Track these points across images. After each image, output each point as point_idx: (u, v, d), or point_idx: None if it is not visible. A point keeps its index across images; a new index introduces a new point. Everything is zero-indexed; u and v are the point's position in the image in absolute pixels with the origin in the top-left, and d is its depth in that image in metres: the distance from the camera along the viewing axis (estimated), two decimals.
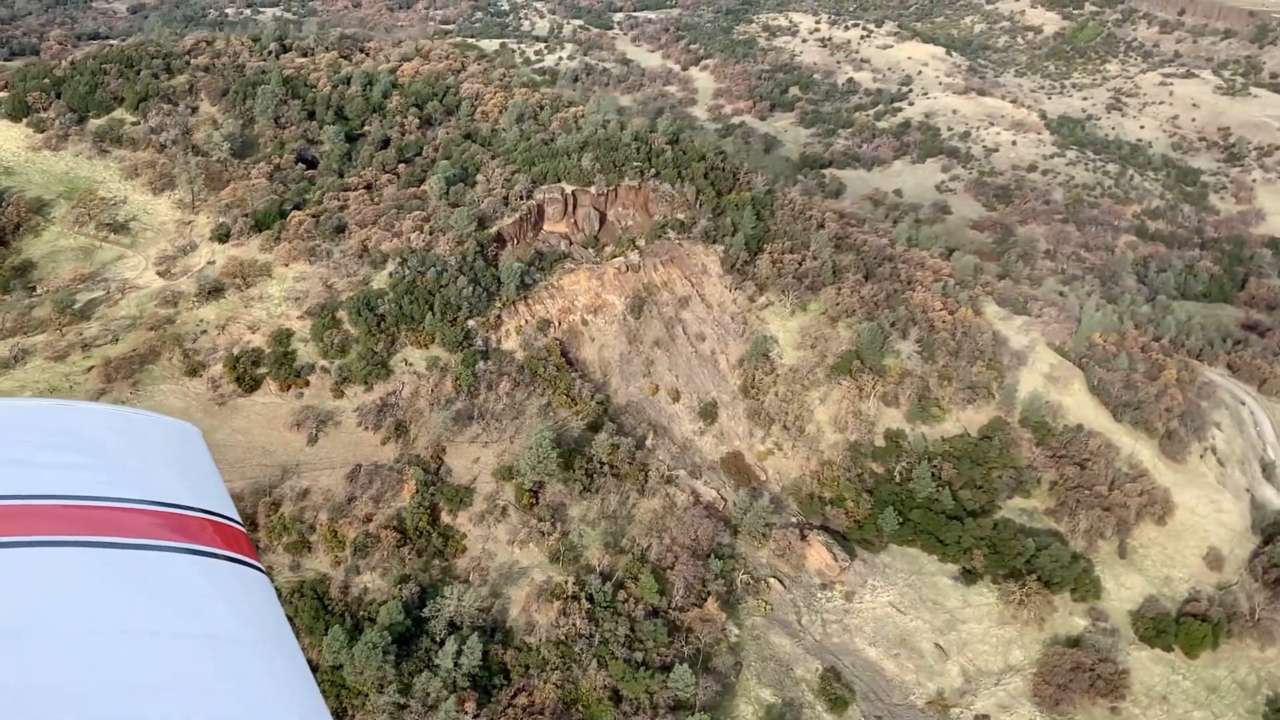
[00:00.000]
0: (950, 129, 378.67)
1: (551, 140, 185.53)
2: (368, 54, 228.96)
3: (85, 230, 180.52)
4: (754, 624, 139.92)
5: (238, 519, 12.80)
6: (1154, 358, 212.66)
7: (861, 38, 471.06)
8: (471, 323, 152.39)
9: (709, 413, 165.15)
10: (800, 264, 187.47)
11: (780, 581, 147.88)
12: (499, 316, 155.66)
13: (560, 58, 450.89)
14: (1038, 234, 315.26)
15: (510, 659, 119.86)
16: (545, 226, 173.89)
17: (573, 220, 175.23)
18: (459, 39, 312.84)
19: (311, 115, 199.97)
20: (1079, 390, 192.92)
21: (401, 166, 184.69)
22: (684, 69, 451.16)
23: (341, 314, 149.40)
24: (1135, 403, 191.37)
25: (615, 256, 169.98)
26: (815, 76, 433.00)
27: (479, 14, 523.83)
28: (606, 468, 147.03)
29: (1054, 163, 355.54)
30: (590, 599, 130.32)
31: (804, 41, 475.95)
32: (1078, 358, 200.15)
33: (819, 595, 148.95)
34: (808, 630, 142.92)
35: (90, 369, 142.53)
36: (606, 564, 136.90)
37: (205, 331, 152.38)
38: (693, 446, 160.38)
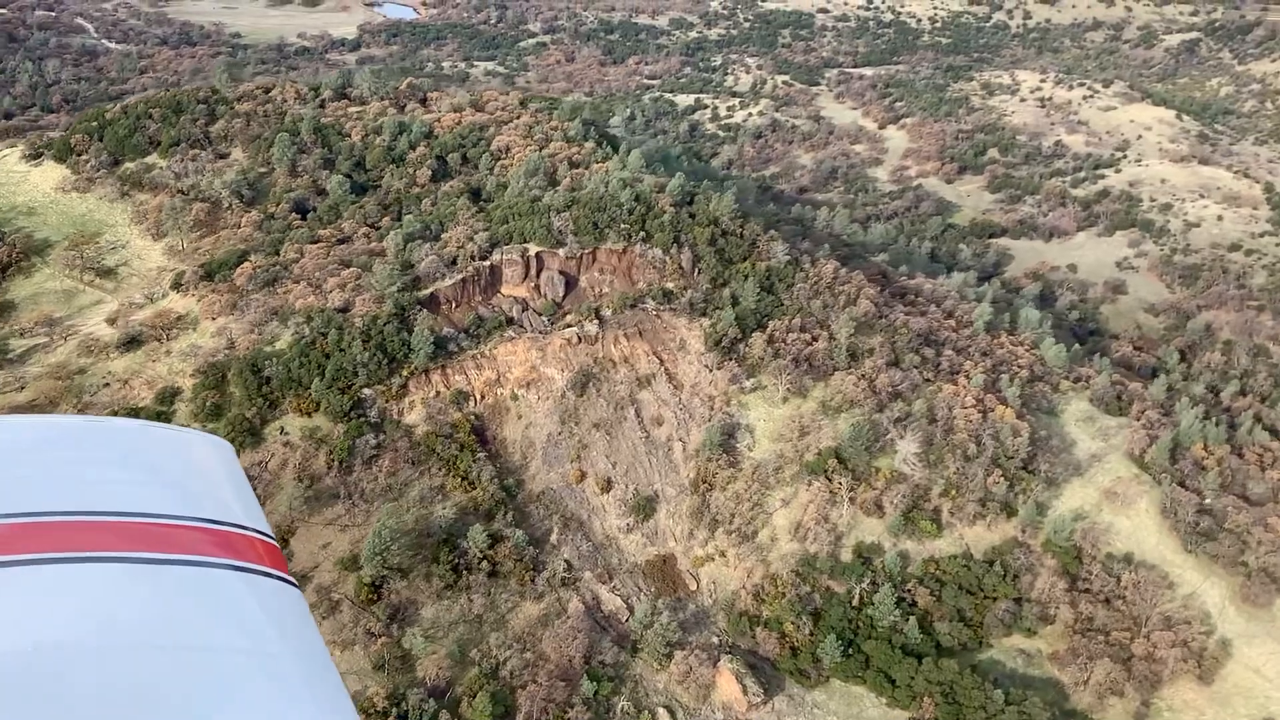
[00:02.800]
0: (1152, 200, 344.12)
1: (538, 198, 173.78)
2: (426, 103, 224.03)
3: (73, 274, 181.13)
4: None
5: (271, 534, 13.57)
6: (1277, 479, 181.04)
7: (1084, 98, 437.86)
8: (368, 391, 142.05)
9: (645, 507, 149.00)
10: (809, 345, 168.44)
11: (671, 714, 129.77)
12: (404, 386, 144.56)
13: (750, 114, 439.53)
14: (1221, 321, 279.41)
15: None
16: (503, 290, 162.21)
17: (534, 284, 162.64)
18: (530, 93, 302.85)
19: (329, 164, 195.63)
20: (1145, 513, 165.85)
21: (386, 220, 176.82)
22: (880, 127, 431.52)
23: (232, 374, 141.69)
24: (1214, 532, 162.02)
25: (567, 327, 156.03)
26: (1019, 138, 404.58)
27: (687, 69, 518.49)
28: (483, 563, 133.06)
29: (1263, 242, 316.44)
30: (404, 719, 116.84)
31: (1022, 101, 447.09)
32: (1158, 472, 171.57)
33: None
34: None
35: None
36: (446, 678, 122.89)
37: (108, 385, 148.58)
38: (614, 545, 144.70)
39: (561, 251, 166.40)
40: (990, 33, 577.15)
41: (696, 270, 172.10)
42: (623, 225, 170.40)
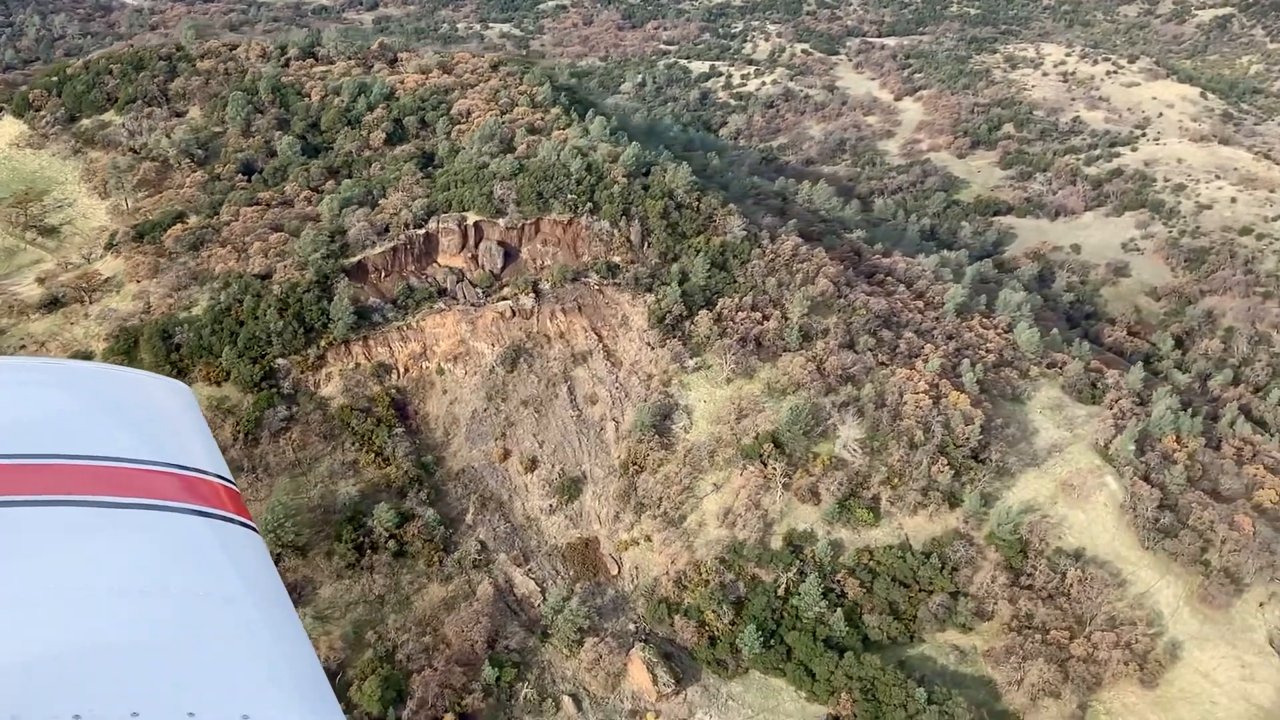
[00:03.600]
0: (1166, 180, 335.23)
1: (485, 165, 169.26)
2: (394, 64, 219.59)
3: (15, 231, 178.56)
4: None
5: (232, 479, 13.66)
6: (1254, 475, 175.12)
7: (1108, 74, 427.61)
8: (283, 361, 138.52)
9: (570, 488, 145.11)
10: (760, 324, 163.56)
11: (576, 702, 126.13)
12: (321, 357, 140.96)
13: (764, 82, 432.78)
14: (1225, 307, 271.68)
15: None
16: (440, 260, 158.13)
17: (472, 255, 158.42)
18: (504, 55, 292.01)
19: (284, 125, 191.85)
20: (1103, 507, 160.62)
21: (330, 184, 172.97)
22: (896, 99, 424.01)
23: (143, 340, 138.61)
24: (1174, 529, 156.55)
25: (502, 299, 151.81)
26: (1037, 113, 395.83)
27: (706, 35, 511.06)
28: (389, 543, 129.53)
29: (1276, 227, 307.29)
30: None
31: (1044, 75, 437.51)
32: (1121, 465, 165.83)
33: None
34: None
35: None
36: (338, 660, 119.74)
37: (25, 346, 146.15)
38: (534, 527, 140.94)
39: (501, 221, 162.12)
40: (1020, 4, 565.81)
41: (646, 244, 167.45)
42: (569, 195, 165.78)
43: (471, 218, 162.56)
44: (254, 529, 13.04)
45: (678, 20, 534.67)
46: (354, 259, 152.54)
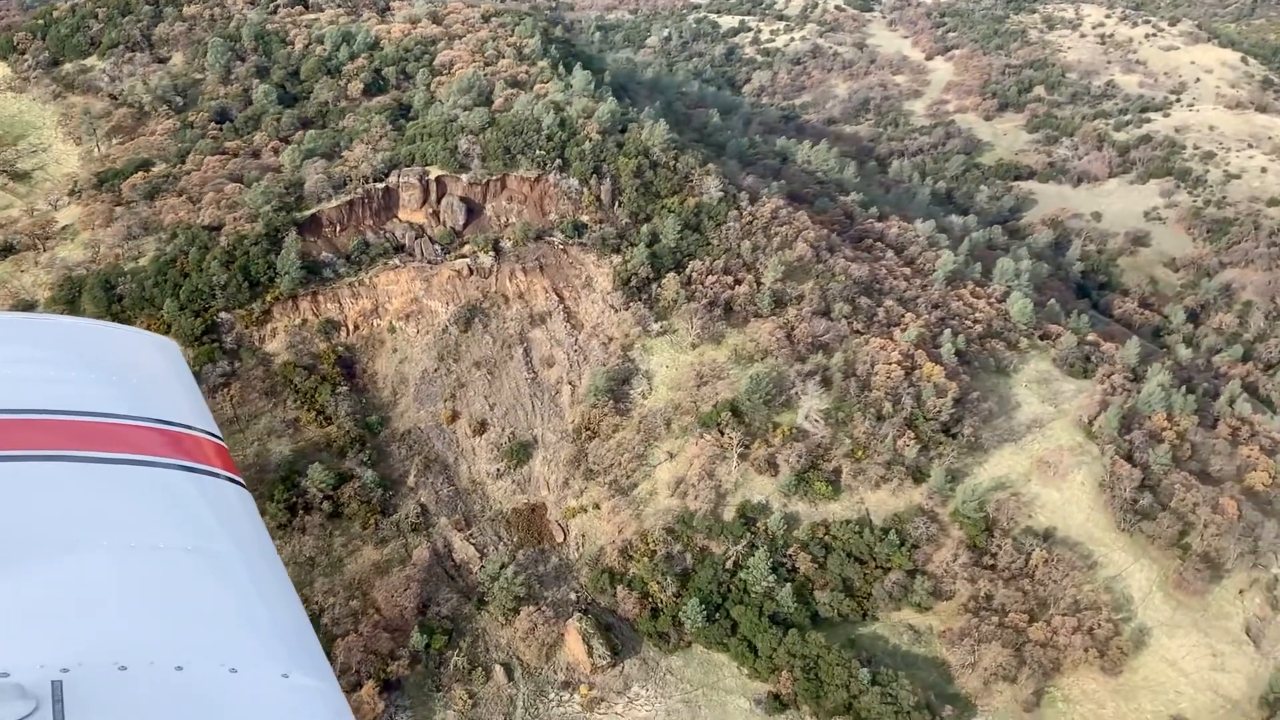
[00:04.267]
0: (1196, 148, 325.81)
1: (454, 119, 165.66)
2: (386, 13, 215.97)
3: None
4: None
5: (219, 434, 13.81)
6: (1248, 456, 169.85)
7: (1147, 36, 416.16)
8: (226, 315, 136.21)
9: (519, 453, 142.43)
10: (731, 289, 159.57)
11: (508, 671, 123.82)
12: (267, 312, 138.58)
13: (792, 39, 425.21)
14: (1245, 280, 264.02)
15: None
16: (401, 215, 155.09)
17: (434, 210, 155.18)
18: (501, 5, 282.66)
19: (264, 73, 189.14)
20: (1080, 485, 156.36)
21: (299, 133, 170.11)
22: (928, 58, 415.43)
23: (86, 290, 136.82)
24: (1153, 511, 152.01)
25: (460, 257, 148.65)
26: (1070, 76, 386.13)
27: None
28: (324, 504, 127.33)
29: None
30: None
31: (1081, 37, 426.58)
32: (1104, 443, 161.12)
33: (551, 697, 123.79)
34: None
35: None
36: None
37: None
38: (479, 491, 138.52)
39: (464, 177, 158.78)
40: None
41: (617, 204, 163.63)
42: (538, 152, 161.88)
43: (434, 172, 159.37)
44: (242, 484, 13.15)
45: None
46: (308, 212, 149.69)
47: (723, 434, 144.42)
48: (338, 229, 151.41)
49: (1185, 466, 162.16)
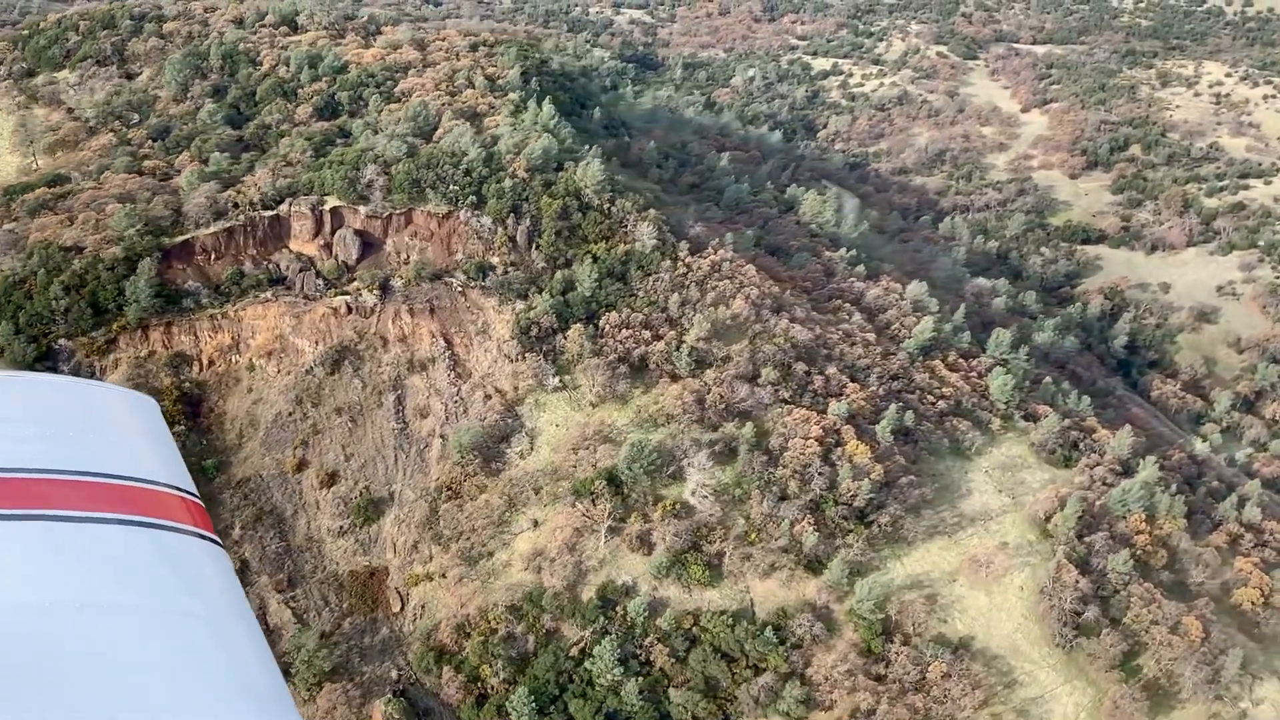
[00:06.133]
0: None
1: (369, 148, 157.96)
2: (373, 37, 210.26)
3: None
4: None
5: (195, 492, 13.84)
6: (1240, 570, 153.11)
7: (1265, 98, 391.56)
8: (66, 343, 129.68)
9: (370, 510, 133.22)
10: (647, 345, 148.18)
11: None
12: (112, 341, 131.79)
13: (882, 84, 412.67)
14: None
15: None
16: (292, 245, 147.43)
17: (325, 243, 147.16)
18: (499, 34, 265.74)
19: (221, 92, 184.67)
20: (1017, 590, 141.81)
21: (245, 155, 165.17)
22: (1023, 110, 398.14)
23: None
24: (1097, 626, 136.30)
25: (341, 294, 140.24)
26: (1170, 136, 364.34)
27: (843, 31, 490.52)
28: None
29: None
30: None
31: (1195, 95, 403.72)
32: (1058, 543, 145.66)
33: None
34: None
35: None
36: None
37: None
38: (315, 549, 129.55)
39: (362, 209, 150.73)
40: (1200, 18, 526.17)
41: (534, 247, 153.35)
42: (451, 186, 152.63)
43: (331, 203, 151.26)
44: (217, 542, 13.19)
45: (816, 15, 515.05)
46: (179, 238, 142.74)
47: (595, 504, 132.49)
48: (213, 257, 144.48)
49: (1154, 577, 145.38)
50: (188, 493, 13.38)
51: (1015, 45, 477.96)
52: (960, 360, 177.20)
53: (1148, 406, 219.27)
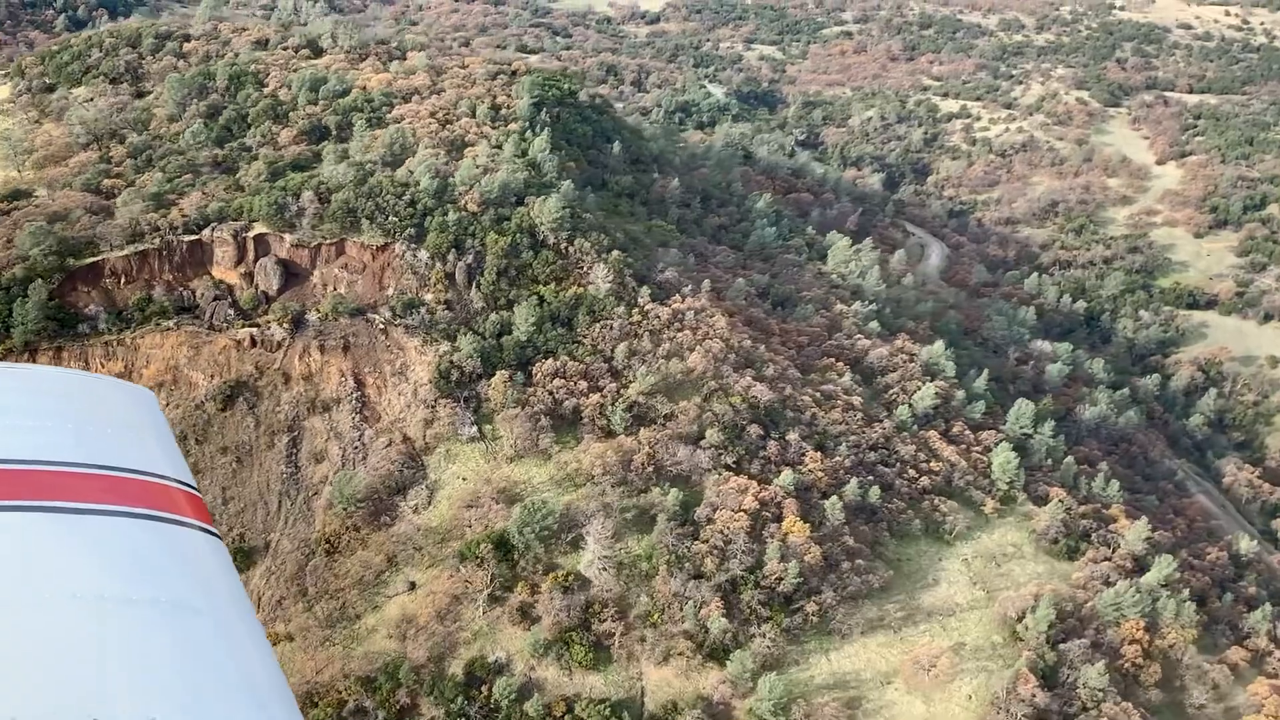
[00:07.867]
0: None
1: (308, 172, 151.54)
2: (389, 62, 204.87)
3: None
4: None
5: (193, 484, 13.90)
6: (1254, 692, 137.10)
7: None
8: None
9: (240, 560, 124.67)
10: (583, 397, 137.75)
11: None
12: None
13: (1008, 129, 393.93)
14: None
15: None
16: (214, 271, 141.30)
17: (248, 271, 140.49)
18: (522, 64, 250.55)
19: (216, 112, 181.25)
20: (965, 700, 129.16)
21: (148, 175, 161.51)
22: (1158, 162, 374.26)
23: None
24: None
25: (249, 326, 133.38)
26: None
27: (981, 74, 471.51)
28: None
29: None
30: None
31: None
32: (1027, 648, 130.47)
33: None
34: None
35: None
36: None
37: None
38: None
39: (288, 237, 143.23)
40: None
41: (474, 285, 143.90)
42: (390, 217, 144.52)
43: (258, 229, 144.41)
44: (215, 534, 13.10)
45: (956, 56, 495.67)
46: (87, 260, 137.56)
47: (480, 569, 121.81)
48: (123, 280, 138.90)
49: (1138, 696, 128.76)
50: (188, 485, 13.46)
51: (1166, 93, 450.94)
52: (966, 432, 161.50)
53: (1217, 495, 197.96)
